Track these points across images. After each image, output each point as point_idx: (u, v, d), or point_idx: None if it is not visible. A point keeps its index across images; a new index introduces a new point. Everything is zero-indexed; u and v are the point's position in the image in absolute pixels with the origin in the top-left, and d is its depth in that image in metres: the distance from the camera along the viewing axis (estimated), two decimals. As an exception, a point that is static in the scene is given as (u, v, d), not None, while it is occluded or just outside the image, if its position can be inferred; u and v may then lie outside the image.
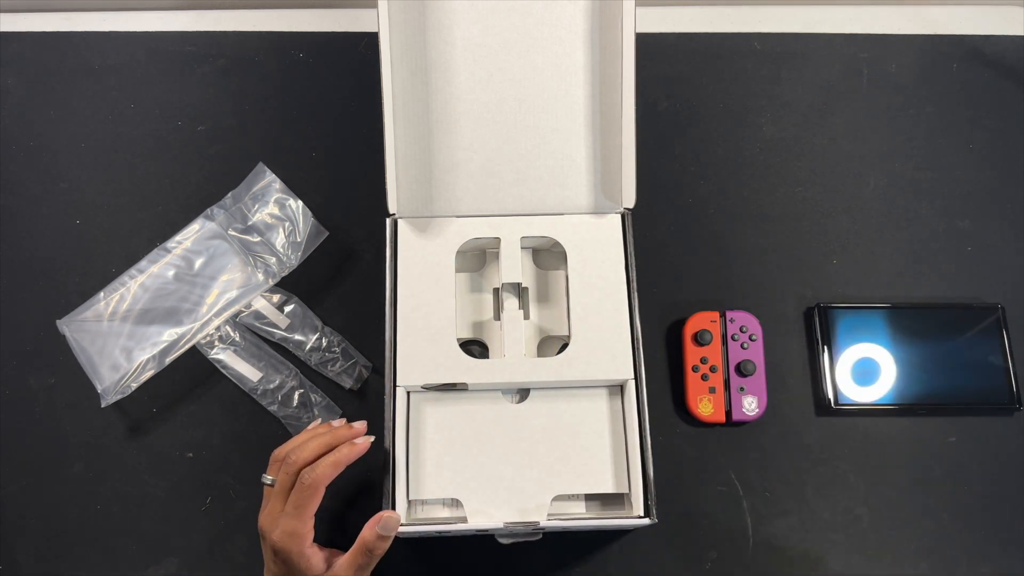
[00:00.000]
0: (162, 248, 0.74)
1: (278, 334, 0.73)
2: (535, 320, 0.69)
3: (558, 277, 0.71)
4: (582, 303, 0.65)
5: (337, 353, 0.73)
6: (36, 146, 0.81)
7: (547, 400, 0.64)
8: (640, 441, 0.61)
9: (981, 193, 0.83)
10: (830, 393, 0.74)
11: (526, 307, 0.69)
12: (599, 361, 0.63)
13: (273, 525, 0.57)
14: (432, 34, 0.66)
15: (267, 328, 0.73)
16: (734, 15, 0.89)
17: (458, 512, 0.62)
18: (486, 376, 0.63)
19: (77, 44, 0.85)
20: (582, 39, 0.67)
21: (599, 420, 0.64)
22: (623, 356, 0.64)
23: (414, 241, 0.66)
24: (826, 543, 0.71)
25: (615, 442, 0.63)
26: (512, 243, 0.67)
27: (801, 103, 0.85)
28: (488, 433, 0.63)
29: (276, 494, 0.58)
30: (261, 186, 0.75)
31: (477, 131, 0.67)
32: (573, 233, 0.67)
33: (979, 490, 0.73)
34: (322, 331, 0.73)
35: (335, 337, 0.73)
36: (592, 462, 0.62)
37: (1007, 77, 0.87)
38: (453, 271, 0.66)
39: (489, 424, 0.63)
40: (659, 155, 0.82)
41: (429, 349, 0.63)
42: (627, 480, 0.61)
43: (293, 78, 0.84)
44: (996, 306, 0.76)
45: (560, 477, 0.62)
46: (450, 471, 0.62)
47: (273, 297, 0.73)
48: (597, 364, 0.63)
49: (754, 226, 0.81)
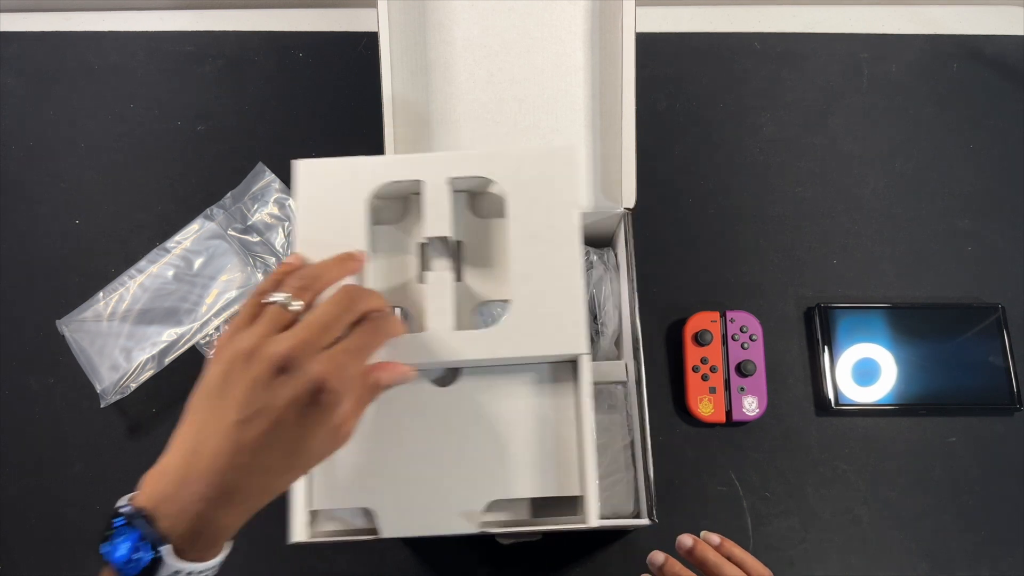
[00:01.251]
0: (161, 248, 0.74)
1: None
2: (470, 283, 0.55)
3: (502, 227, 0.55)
4: (526, 259, 0.51)
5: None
6: (36, 146, 0.81)
7: (481, 383, 0.52)
8: (641, 441, 0.61)
9: (981, 193, 0.82)
10: (830, 393, 0.74)
11: (458, 267, 0.55)
12: (546, 332, 0.50)
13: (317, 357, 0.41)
14: (432, 34, 0.66)
15: None
16: (734, 15, 0.89)
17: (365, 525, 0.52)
18: (403, 354, 0.49)
19: (77, 44, 0.85)
20: (582, 39, 0.67)
21: (546, 406, 0.52)
22: (575, 325, 0.50)
23: (317, 188, 0.52)
24: (826, 543, 0.71)
25: (565, 433, 0.51)
26: (438, 187, 0.52)
27: (801, 103, 0.85)
28: (408, 426, 0.51)
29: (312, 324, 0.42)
30: (261, 186, 0.75)
31: (477, 131, 0.67)
32: (516, 170, 0.52)
33: (979, 490, 0.73)
34: None
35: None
36: (537, 458, 0.51)
37: (1007, 77, 0.87)
38: (365, 223, 0.51)
39: (408, 415, 0.52)
40: (659, 155, 0.82)
41: None
42: (579, 480, 0.51)
43: (293, 78, 0.84)
44: (996, 306, 0.76)
45: (496, 478, 0.51)
46: (361, 474, 0.51)
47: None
48: (544, 336, 0.50)
49: (754, 226, 0.81)
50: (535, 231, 0.52)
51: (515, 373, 0.53)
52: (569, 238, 0.52)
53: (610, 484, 0.63)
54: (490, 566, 0.69)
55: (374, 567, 0.68)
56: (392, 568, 0.69)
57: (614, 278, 0.70)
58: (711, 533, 0.55)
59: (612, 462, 0.64)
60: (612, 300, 0.70)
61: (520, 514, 0.52)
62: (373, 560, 0.69)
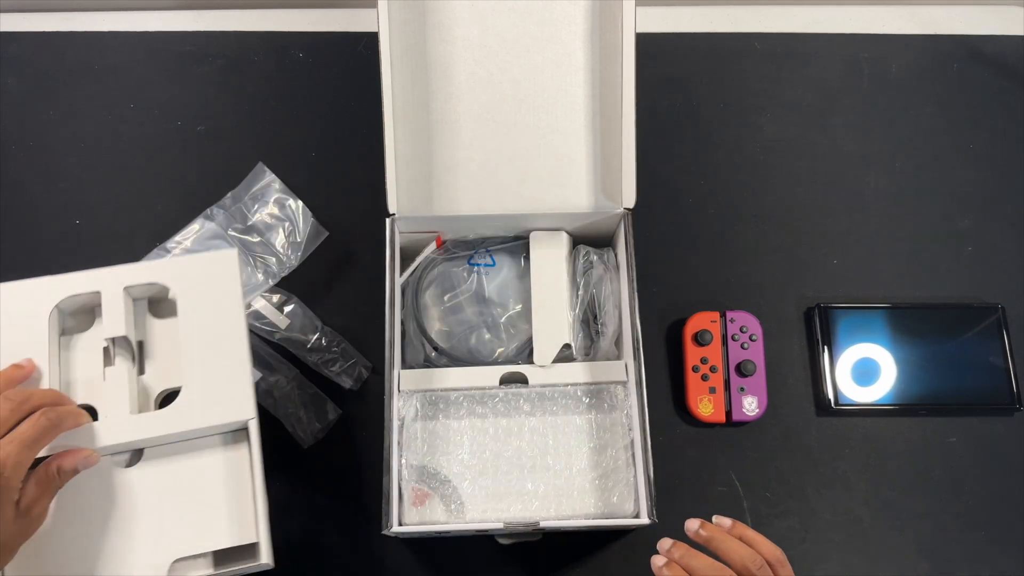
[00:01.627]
0: (162, 248, 0.74)
1: (278, 334, 0.73)
2: (151, 375, 0.62)
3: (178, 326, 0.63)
4: (196, 348, 0.60)
5: (337, 353, 0.73)
6: (36, 146, 0.81)
7: (162, 458, 0.59)
8: (641, 441, 0.61)
9: (981, 193, 0.82)
10: (830, 393, 0.74)
11: (141, 362, 0.62)
12: (215, 405, 0.58)
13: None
14: (432, 34, 0.66)
15: (267, 328, 0.72)
16: (734, 15, 0.89)
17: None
18: (86, 441, 0.56)
19: (77, 44, 0.85)
20: (582, 39, 0.67)
21: (219, 469, 0.59)
22: (242, 396, 0.58)
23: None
24: (826, 543, 0.71)
25: (240, 490, 0.59)
26: (114, 295, 0.61)
27: (801, 103, 0.85)
28: (96, 506, 0.57)
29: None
30: (261, 186, 0.75)
31: (477, 131, 0.67)
32: (182, 276, 0.62)
33: (979, 490, 0.73)
34: (322, 331, 0.73)
35: (335, 337, 0.73)
36: (214, 515, 0.58)
37: (1007, 77, 0.87)
38: (46, 337, 0.59)
39: (95, 496, 0.58)
40: (659, 155, 0.82)
41: None
42: (255, 528, 0.57)
43: (293, 78, 0.84)
44: (996, 306, 0.76)
45: (180, 538, 0.57)
46: (54, 553, 0.56)
47: (273, 297, 0.73)
48: (213, 408, 0.58)
49: (754, 226, 0.81)
50: (202, 323, 0.61)
51: (193, 444, 0.60)
52: (233, 325, 0.61)
53: (610, 484, 0.63)
54: (490, 566, 0.69)
55: (374, 567, 0.68)
56: (392, 568, 0.69)
57: (614, 278, 0.71)
58: (723, 517, 0.55)
59: (612, 462, 0.64)
60: (612, 300, 0.70)
61: (206, 568, 0.58)
62: (373, 560, 0.69)
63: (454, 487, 0.63)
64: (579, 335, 0.70)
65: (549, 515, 0.62)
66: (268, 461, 0.61)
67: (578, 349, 0.69)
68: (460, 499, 0.62)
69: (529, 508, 0.62)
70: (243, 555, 0.59)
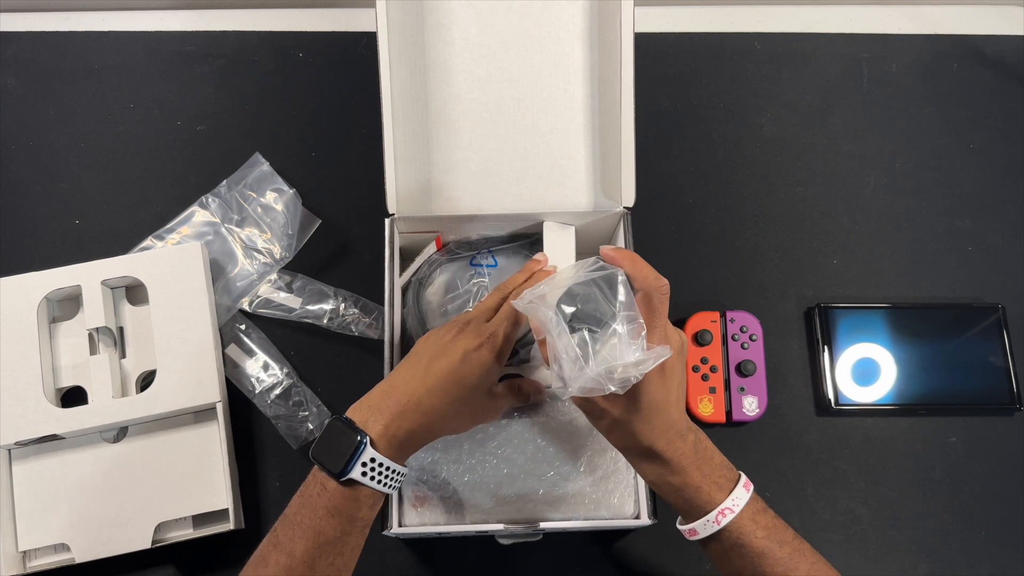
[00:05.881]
0: (156, 237, 0.75)
1: (295, 311, 0.73)
2: (131, 358, 0.71)
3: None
4: (167, 335, 0.68)
5: (356, 311, 0.73)
6: (36, 146, 0.81)
7: (144, 435, 0.68)
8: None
9: (981, 193, 0.82)
10: (830, 393, 0.74)
11: (122, 347, 0.71)
12: (186, 389, 0.67)
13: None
14: (431, 34, 0.66)
15: (282, 312, 0.73)
16: (734, 15, 0.89)
17: (65, 555, 0.65)
18: (77, 423, 0.66)
19: (77, 44, 0.85)
20: (581, 39, 0.67)
21: (195, 444, 0.68)
22: (209, 380, 0.67)
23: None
24: (826, 543, 0.71)
25: (212, 463, 0.67)
26: (93, 288, 0.69)
27: (801, 103, 0.85)
28: (89, 476, 0.66)
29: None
30: (256, 175, 0.76)
31: (476, 131, 0.67)
32: (153, 268, 0.70)
33: (979, 490, 0.73)
34: (334, 295, 0.73)
35: (350, 296, 0.74)
36: (191, 485, 0.67)
37: (1007, 77, 0.87)
38: (35, 326, 0.68)
39: (88, 468, 0.67)
40: (659, 155, 0.82)
41: (16, 407, 0.66)
42: (225, 495, 0.66)
43: (293, 78, 0.84)
44: (996, 306, 0.76)
45: (163, 504, 0.66)
46: (56, 518, 0.65)
47: (278, 280, 0.74)
48: (184, 392, 0.67)
49: (754, 226, 0.81)
50: (172, 313, 0.69)
51: (170, 422, 0.68)
52: (199, 314, 0.69)
53: (610, 486, 0.63)
54: (490, 566, 0.69)
55: (374, 567, 0.68)
56: (392, 568, 0.69)
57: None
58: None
59: (612, 463, 0.64)
60: (612, 300, 0.70)
61: (187, 528, 0.67)
62: (373, 560, 0.69)
63: (454, 488, 0.63)
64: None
65: (549, 516, 0.62)
66: (264, 461, 0.61)
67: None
68: (460, 500, 0.62)
69: (529, 509, 0.62)
70: (220, 519, 0.67)
